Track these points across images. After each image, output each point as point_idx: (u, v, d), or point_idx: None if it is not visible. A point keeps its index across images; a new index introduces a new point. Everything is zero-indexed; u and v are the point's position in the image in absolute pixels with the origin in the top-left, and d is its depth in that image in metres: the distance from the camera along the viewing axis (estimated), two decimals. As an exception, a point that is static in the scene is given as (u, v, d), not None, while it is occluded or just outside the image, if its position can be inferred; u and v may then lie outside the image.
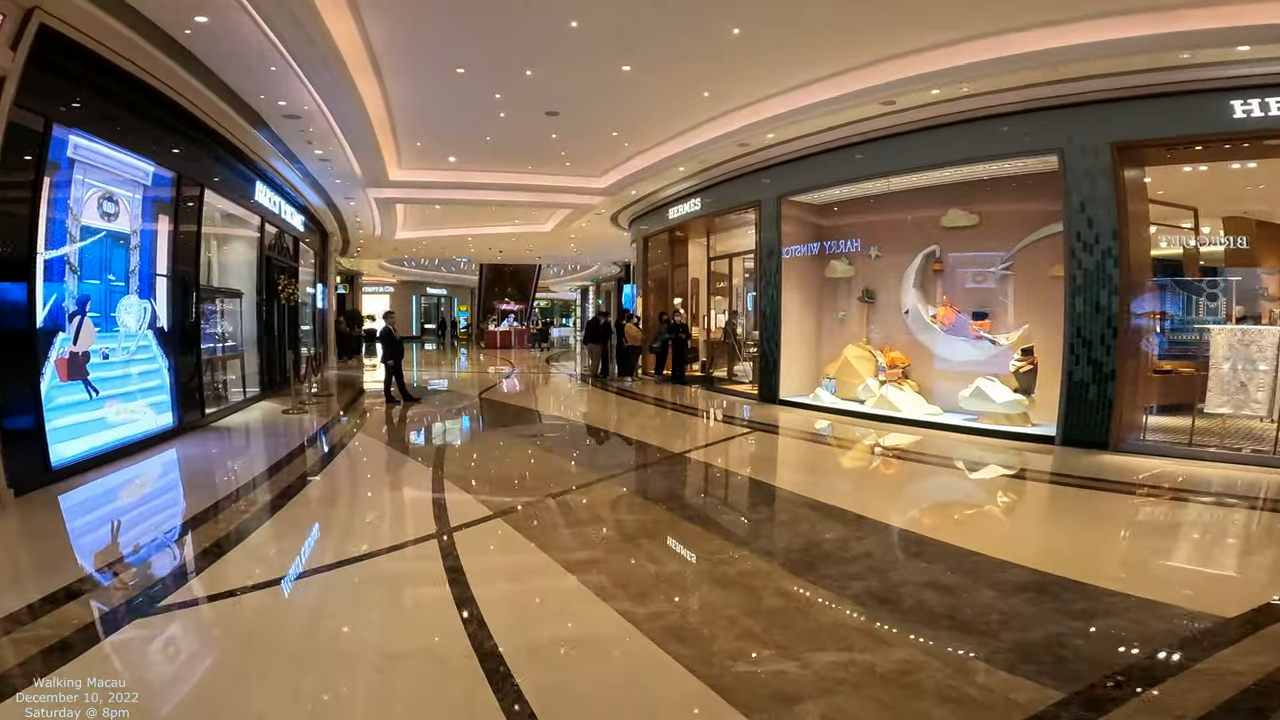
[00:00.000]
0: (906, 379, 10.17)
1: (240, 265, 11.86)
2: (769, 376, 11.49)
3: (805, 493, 5.89)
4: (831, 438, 8.78)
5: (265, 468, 6.80)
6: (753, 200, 12.03)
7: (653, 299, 17.28)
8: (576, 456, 7.46)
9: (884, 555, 4.44)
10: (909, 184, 9.96)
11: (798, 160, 10.92)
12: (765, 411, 10.71)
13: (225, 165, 10.15)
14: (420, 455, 7.39)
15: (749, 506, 5.74)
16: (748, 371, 14.09)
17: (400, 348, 11.39)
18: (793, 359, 11.42)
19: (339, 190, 14.27)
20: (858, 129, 9.57)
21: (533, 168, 13.12)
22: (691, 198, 14.05)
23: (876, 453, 7.97)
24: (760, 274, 11.72)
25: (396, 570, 4.13)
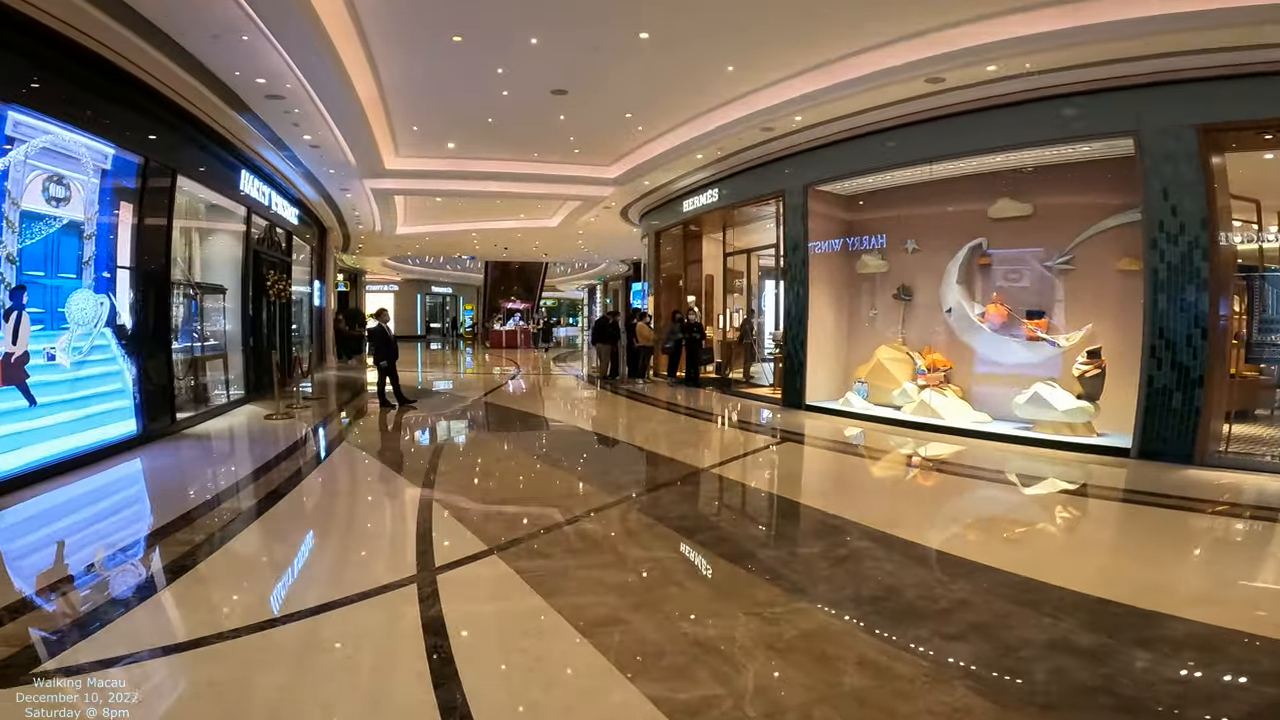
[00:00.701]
0: (948, 383, 9.23)
1: (224, 259, 11.03)
2: (794, 380, 10.57)
3: (861, 519, 4.99)
4: (873, 450, 7.86)
5: (228, 485, 5.93)
6: (775, 190, 11.13)
7: (664, 297, 16.39)
8: (587, 473, 6.57)
9: (984, 604, 3.54)
10: (952, 172, 9.04)
11: (826, 147, 10.02)
12: (791, 418, 9.80)
13: (204, 151, 9.32)
14: (409, 470, 6.51)
15: (798, 538, 4.81)
16: (767, 374, 13.17)
17: (394, 348, 10.53)
18: (820, 361, 10.50)
19: (334, 181, 13.42)
20: (897, 111, 8.65)
21: (539, 155, 12.24)
22: (708, 189, 13.15)
23: (929, 468, 7.04)
24: (784, 270, 10.81)
25: (359, 630, 3.24)
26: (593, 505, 5.28)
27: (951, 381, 9.26)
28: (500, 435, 8.50)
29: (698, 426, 9.53)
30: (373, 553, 4.34)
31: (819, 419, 9.74)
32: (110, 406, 6.97)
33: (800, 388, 10.44)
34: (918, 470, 7.03)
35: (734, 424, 9.53)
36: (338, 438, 8.15)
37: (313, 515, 5.20)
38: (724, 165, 12.01)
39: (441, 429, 8.73)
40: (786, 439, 8.36)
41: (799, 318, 10.43)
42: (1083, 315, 8.11)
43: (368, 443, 7.97)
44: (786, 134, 10.02)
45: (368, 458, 7.10)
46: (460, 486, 5.89)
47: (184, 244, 10.23)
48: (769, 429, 9.05)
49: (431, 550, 4.29)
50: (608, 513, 5.10)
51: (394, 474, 6.37)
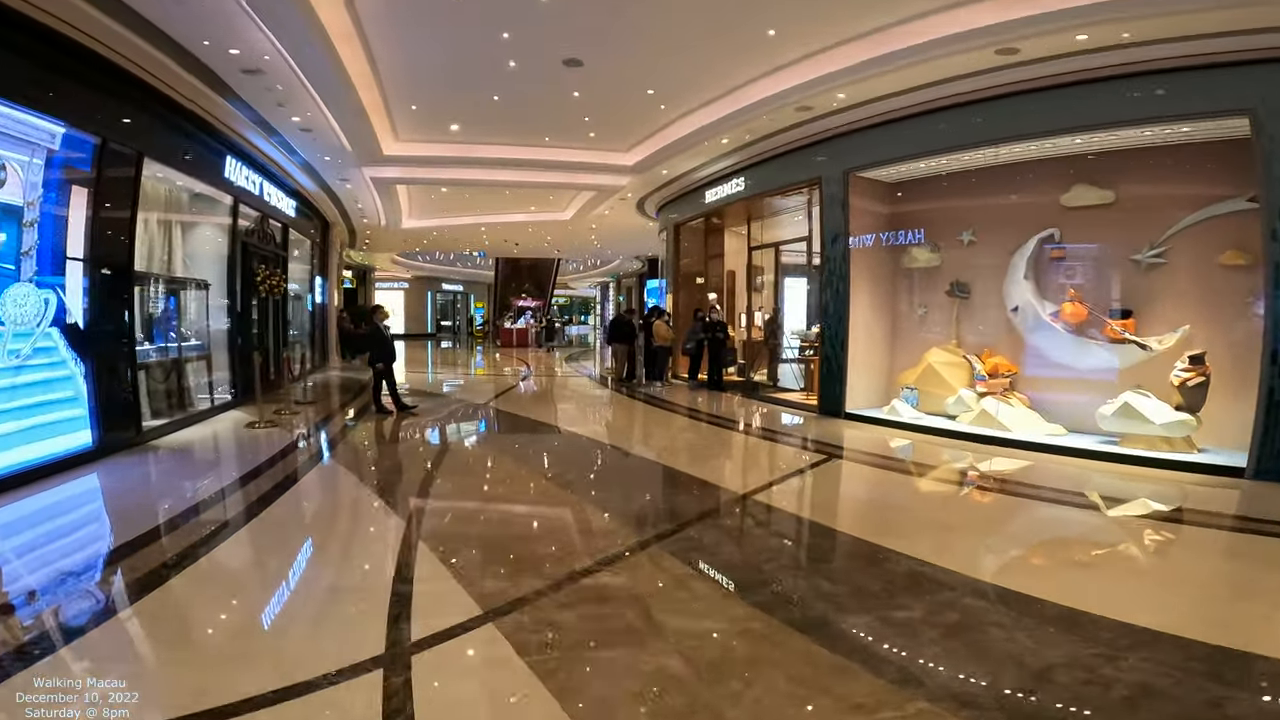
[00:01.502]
0: (1013, 390, 8.17)
1: (209, 252, 10.15)
2: (832, 385, 9.53)
3: (958, 566, 3.97)
4: (937, 469, 6.83)
5: (180, 510, 4.98)
6: (810, 178, 10.09)
7: (683, 294, 15.38)
8: (607, 500, 5.55)
9: (1179, 689, 2.52)
10: (1017, 156, 8.00)
11: (870, 129, 8.99)
12: (830, 429, 8.76)
13: (179, 134, 8.42)
14: (395, 497, 5.54)
15: (887, 596, 3.75)
16: (797, 377, 12.13)
17: (390, 349, 9.59)
18: (861, 365, 9.45)
19: (331, 170, 12.50)
20: (954, 89, 7.65)
21: (551, 139, 11.25)
22: (734, 177, 12.13)
23: (1014, 492, 6.00)
24: (822, 264, 9.77)
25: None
26: (616, 547, 4.29)
27: (1016, 388, 8.19)
28: (506, 449, 7.51)
29: (728, 439, 8.51)
30: (332, 619, 3.36)
31: (862, 429, 8.70)
32: (57, 417, 6.06)
33: (839, 394, 9.40)
34: (1000, 495, 5.98)
35: (768, 435, 8.50)
36: (321, 452, 7.20)
37: (266, 560, 4.24)
38: (752, 151, 10.99)
39: (440, 441, 7.76)
40: (832, 454, 7.33)
41: (838, 317, 9.39)
42: (1176, 315, 7.02)
43: (354, 458, 7.02)
44: (825, 114, 8.99)
45: (350, 478, 6.14)
46: (455, 520, 4.91)
47: (163, 235, 9.37)
48: (809, 442, 8.02)
49: (409, 615, 3.32)
50: (635, 559, 4.11)
51: (377, 501, 5.39)
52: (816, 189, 10.04)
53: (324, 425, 8.85)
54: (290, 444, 7.46)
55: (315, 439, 7.85)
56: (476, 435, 8.13)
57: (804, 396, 10.93)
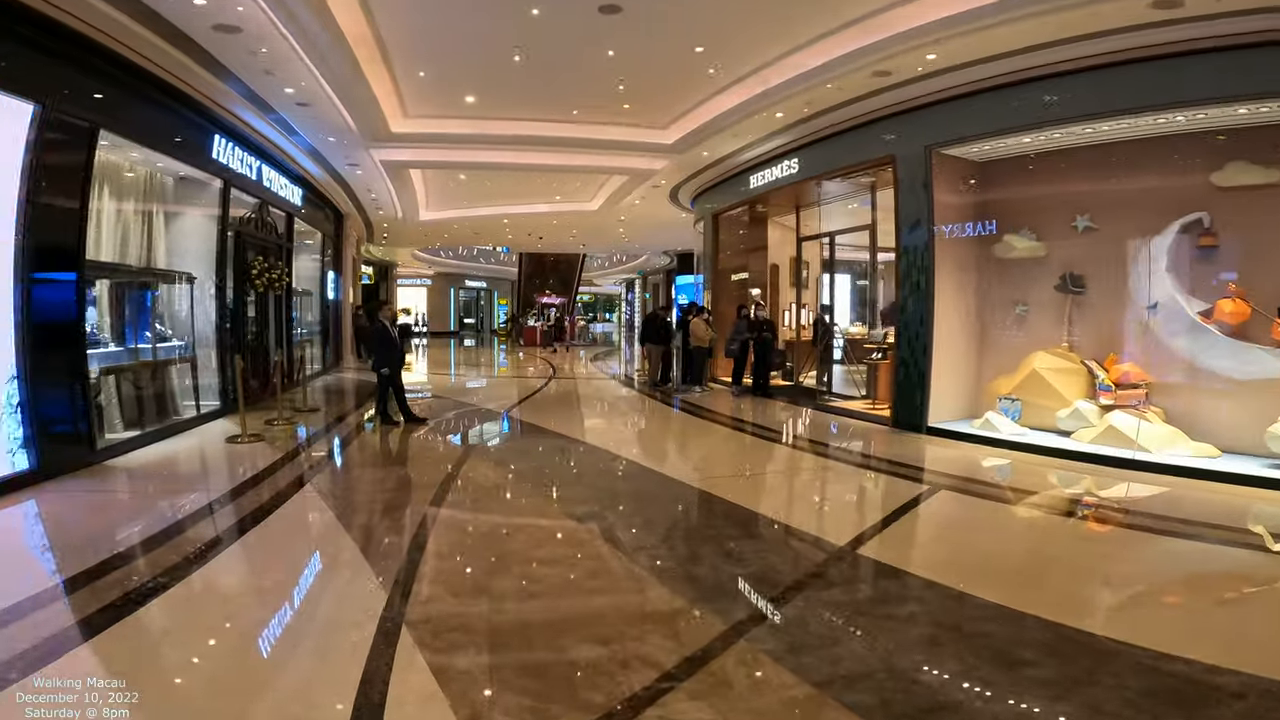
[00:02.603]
0: (1147, 403, 6.70)
1: (196, 242, 9.00)
2: (911, 395, 8.11)
3: (1249, 665, 2.59)
4: (1087, 502, 5.40)
5: (90, 564, 3.74)
6: (881, 157, 8.69)
7: (722, 290, 14.02)
8: (665, 560, 4.19)
9: None
10: (1151, 129, 6.57)
11: (960, 99, 7.61)
12: (915, 447, 7.37)
13: (149, 106, 7.28)
14: (381, 554, 4.25)
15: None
16: (857, 383, 10.70)
17: (398, 351, 8.37)
18: (945, 371, 8.03)
19: (337, 153, 11.33)
20: (1083, 50, 6.27)
21: (580, 113, 9.93)
22: (784, 159, 10.75)
23: (1237, 542, 4.57)
24: (896, 255, 8.36)
25: None
26: (688, 641, 2.97)
27: (1150, 400, 6.72)
28: (528, 478, 6.20)
29: (798, 462, 7.12)
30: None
31: (952, 447, 7.29)
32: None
33: (921, 405, 7.98)
34: (1203, 541, 4.55)
35: (845, 457, 7.10)
36: (305, 477, 5.96)
37: (174, 655, 2.98)
38: (809, 128, 9.61)
39: (448, 465, 6.49)
40: (933, 483, 5.92)
41: (920, 316, 7.97)
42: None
43: (341, 489, 5.77)
44: (906, 81, 7.61)
45: (328, 519, 4.87)
46: (458, 595, 3.61)
47: (141, 223, 8.26)
48: (898, 466, 6.62)
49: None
50: (720, 667, 2.78)
51: (357, 560, 4.11)
52: (889, 169, 8.64)
53: (318, 439, 7.64)
54: (270, 465, 6.25)
55: (302, 458, 6.63)
56: (493, 458, 6.86)
57: (868, 406, 9.52)
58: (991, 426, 7.46)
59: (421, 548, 4.18)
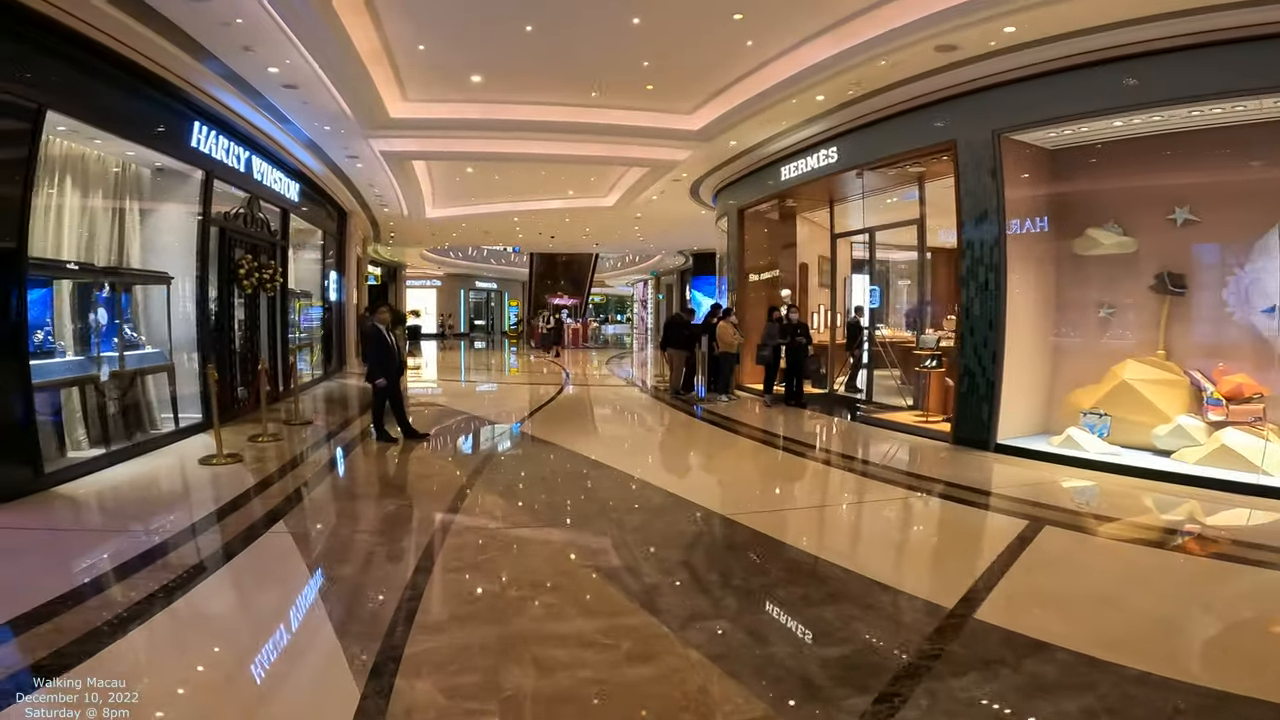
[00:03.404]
0: (1264, 420, 5.70)
1: (176, 239, 8.16)
2: (977, 407, 7.14)
3: None
4: (1229, 536, 4.42)
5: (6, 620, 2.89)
6: (940, 143, 7.75)
7: (748, 291, 13.05)
8: (727, 639, 3.23)
9: None
10: (1268, 113, 5.60)
11: (1032, 79, 6.72)
12: (985, 467, 6.43)
13: (109, 84, 6.44)
14: (364, 616, 3.35)
15: None
16: (903, 391, 9.72)
17: (395, 358, 7.46)
18: (1016, 381, 7.05)
19: (334, 144, 10.48)
20: (1197, 26, 5.32)
21: (598, 94, 8.99)
22: (821, 147, 9.81)
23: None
24: (960, 251, 7.39)
25: None
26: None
27: (1267, 416, 5.73)
28: (541, 514, 5.24)
29: (858, 489, 6.12)
30: None
31: (1032, 468, 6.33)
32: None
33: (989, 419, 7.01)
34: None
35: (916, 483, 6.10)
36: (277, 510, 5.06)
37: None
38: (852, 113, 8.68)
39: (448, 498, 5.57)
40: (1035, 515, 4.93)
41: (989, 318, 7.00)
42: None
43: (320, 525, 4.86)
44: (973, 58, 6.72)
45: (298, 569, 3.97)
46: (450, 691, 2.69)
47: (110, 218, 7.45)
48: (980, 493, 5.66)
49: None
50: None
51: (329, 632, 3.20)
52: (947, 157, 7.69)
53: (303, 460, 6.75)
54: (242, 493, 5.36)
55: (281, 485, 5.73)
56: (501, 486, 5.94)
57: (918, 418, 8.54)
58: (1075, 444, 6.49)
59: (409, 616, 3.27)
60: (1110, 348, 6.84)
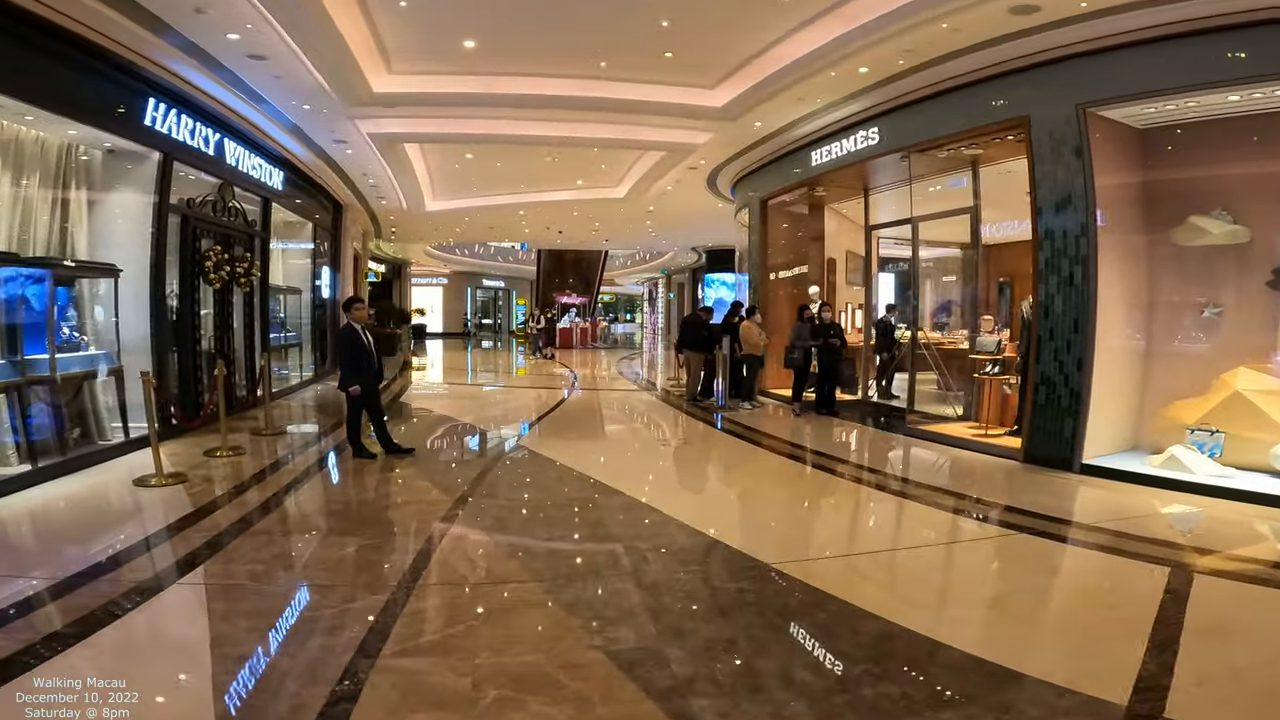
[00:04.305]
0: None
1: (127, 227, 7.22)
2: (1058, 421, 6.09)
3: None
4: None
5: None
6: (1010, 119, 6.69)
7: (770, 288, 11.98)
8: None
9: None
10: None
11: (1123, 49, 5.70)
12: (1078, 492, 5.44)
13: (36, 53, 5.61)
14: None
15: None
16: (952, 402, 8.63)
17: (371, 361, 6.44)
18: (1103, 391, 5.97)
19: (318, 125, 9.49)
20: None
21: (609, 64, 7.94)
22: (861, 128, 8.78)
23: None
24: (1035, 241, 6.31)
25: None
26: None
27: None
28: (540, 566, 4.16)
29: (937, 525, 4.97)
30: None
31: (1132, 493, 5.31)
32: None
33: (1072, 435, 5.97)
34: None
35: (997, 515, 5.02)
36: (200, 552, 4.05)
37: None
38: (899, 88, 7.66)
39: (423, 533, 4.55)
40: (1178, 561, 3.87)
41: (1073, 318, 5.95)
42: None
43: (246, 577, 3.82)
44: (1055, 23, 5.75)
45: (196, 645, 2.96)
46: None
47: (49, 205, 6.53)
48: (1090, 529, 4.61)
49: None
50: None
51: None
52: (1015, 136, 6.67)
53: (260, 481, 5.74)
54: (170, 525, 4.38)
55: (219, 515, 4.72)
56: (492, 521, 4.90)
57: (975, 431, 7.48)
58: (1179, 465, 5.42)
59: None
60: (1216, 353, 5.77)
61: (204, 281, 8.07)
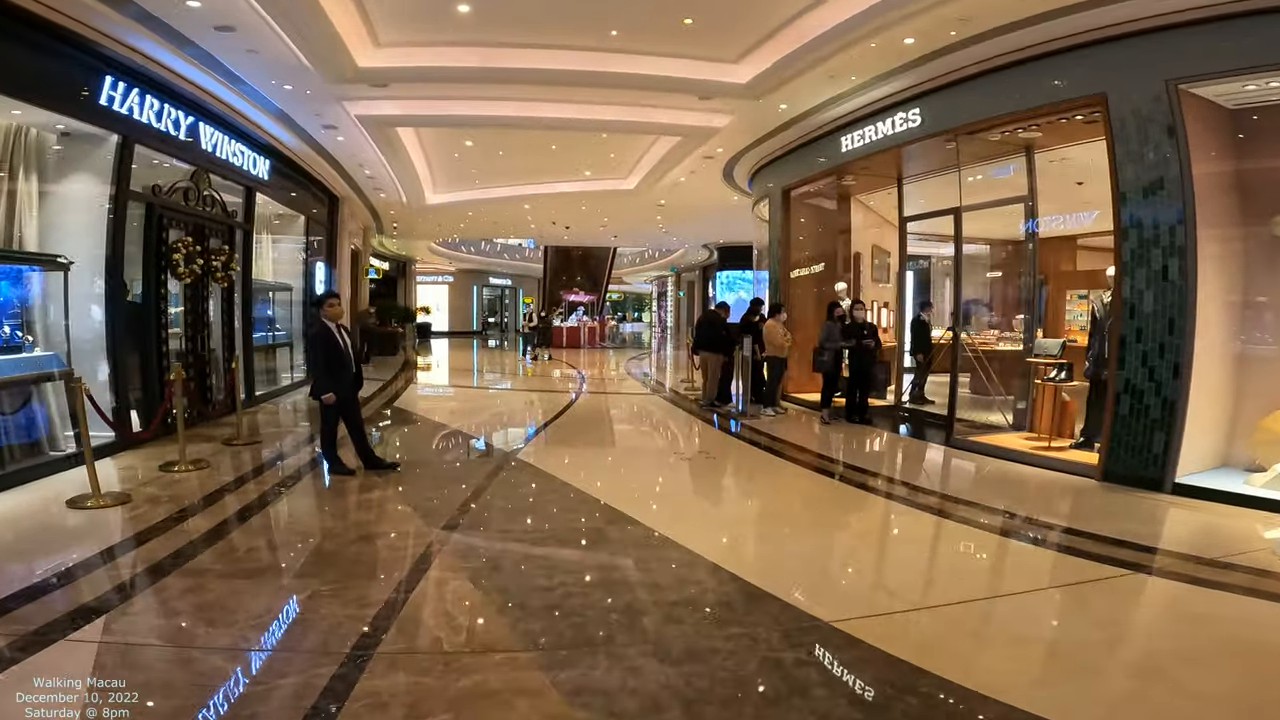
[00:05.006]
0: None
1: (82, 216, 6.46)
2: (1146, 435, 5.27)
3: None
4: None
5: None
6: (1085, 96, 5.83)
7: (795, 286, 11.11)
8: None
9: None
10: None
11: (1216, 21, 4.87)
12: (1177, 516, 4.63)
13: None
14: None
15: None
16: (1003, 410, 7.75)
17: (350, 366, 5.64)
18: (1198, 401, 5.11)
19: (301, 107, 8.72)
20: None
21: (620, 33, 7.10)
22: (900, 109, 7.95)
23: None
24: (1117, 231, 5.45)
25: None
26: None
27: None
28: (529, 617, 3.35)
29: (1033, 564, 4.14)
30: None
31: (1237, 516, 4.41)
32: None
33: (1165, 450, 5.15)
34: None
35: (1109, 551, 4.14)
36: (109, 597, 3.27)
37: None
38: (948, 63, 6.83)
39: (393, 578, 3.75)
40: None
41: (1168, 318, 5.10)
42: None
43: (157, 635, 3.03)
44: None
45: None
46: None
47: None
48: (1221, 565, 3.75)
49: None
50: None
51: None
52: (1086, 116, 5.86)
53: (214, 502, 4.95)
54: (88, 560, 3.60)
55: (153, 546, 3.93)
56: (480, 555, 4.09)
57: (1033, 443, 6.64)
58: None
59: None
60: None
61: (173, 276, 7.30)
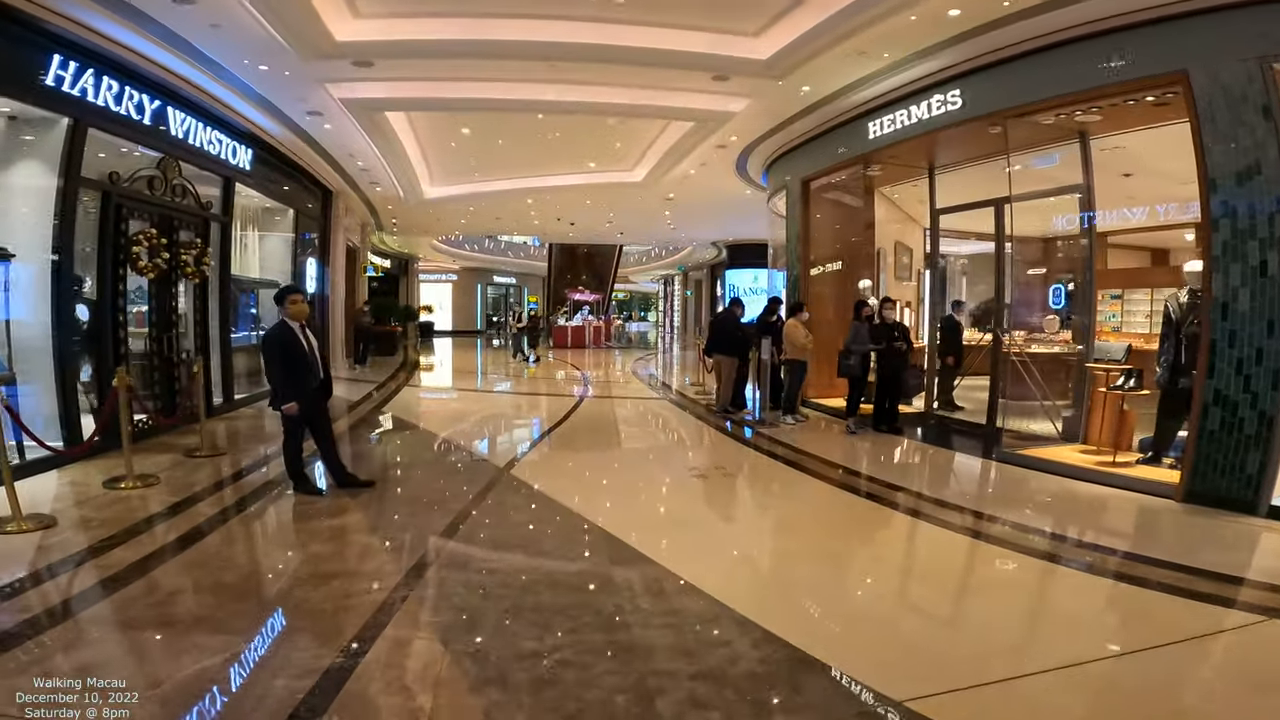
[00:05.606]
0: None
1: (28, 205, 5.80)
2: (1238, 453, 4.58)
3: None
4: None
5: None
6: (1163, 74, 5.11)
7: (815, 284, 10.37)
8: None
9: None
10: None
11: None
12: (1265, 545, 3.79)
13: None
14: None
15: None
16: (1052, 417, 7.00)
17: (311, 370, 4.95)
18: None
19: (283, 92, 8.04)
20: None
21: (626, 1, 6.40)
22: (938, 90, 7.25)
23: None
24: (1204, 223, 4.73)
25: None
26: None
27: None
28: (511, 695, 2.71)
29: (1132, 606, 3.41)
30: None
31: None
32: None
33: (1261, 470, 4.48)
34: None
35: (1213, 588, 3.38)
36: (7, 638, 2.58)
37: None
38: (998, 39, 6.16)
39: (348, 630, 3.05)
40: None
41: (1270, 322, 4.36)
42: None
43: (37, 706, 2.34)
44: None
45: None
46: None
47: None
48: None
49: None
50: None
51: None
52: (1165, 94, 5.21)
53: (151, 525, 4.26)
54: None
55: (67, 580, 3.26)
56: (455, 605, 3.38)
57: (1089, 455, 5.90)
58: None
59: None
60: None
61: (133, 270, 6.63)
